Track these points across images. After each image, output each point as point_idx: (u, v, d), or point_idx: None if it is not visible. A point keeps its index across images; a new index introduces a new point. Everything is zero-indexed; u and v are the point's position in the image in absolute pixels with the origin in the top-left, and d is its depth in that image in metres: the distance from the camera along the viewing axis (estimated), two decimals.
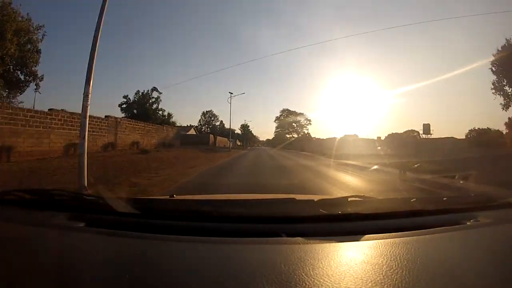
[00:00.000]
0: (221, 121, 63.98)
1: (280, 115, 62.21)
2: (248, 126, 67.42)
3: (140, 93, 31.79)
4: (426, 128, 32.29)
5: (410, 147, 20.66)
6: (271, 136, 71.33)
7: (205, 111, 65.53)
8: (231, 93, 31.55)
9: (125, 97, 31.83)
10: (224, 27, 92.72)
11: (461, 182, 5.55)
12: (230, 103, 31.16)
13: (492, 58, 22.37)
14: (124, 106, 31.43)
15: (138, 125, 19.12)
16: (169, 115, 37.52)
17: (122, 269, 0.60)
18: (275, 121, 62.82)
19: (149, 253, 0.67)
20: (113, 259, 0.66)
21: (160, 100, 32.53)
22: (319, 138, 44.66)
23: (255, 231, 0.80)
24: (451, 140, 22.97)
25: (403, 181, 6.21)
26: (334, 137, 32.26)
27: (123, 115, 28.34)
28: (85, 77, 4.90)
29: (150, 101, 32.00)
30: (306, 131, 58.32)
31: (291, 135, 57.45)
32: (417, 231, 0.80)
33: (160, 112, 33.71)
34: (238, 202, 1.14)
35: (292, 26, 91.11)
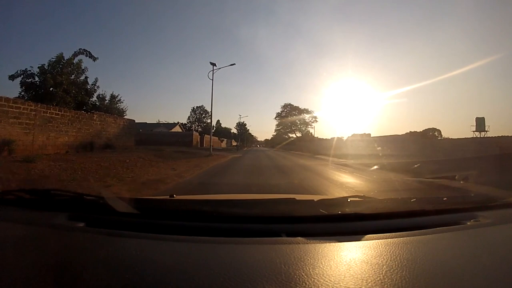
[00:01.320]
0: (218, 120, 57.86)
1: (282, 111, 53.48)
2: (245, 125, 60.14)
3: (62, 62, 14.28)
4: (480, 122, 25.73)
5: (460, 149, 14.51)
6: (269, 136, 67.63)
7: (195, 107, 55.91)
8: (214, 64, 19.69)
9: (40, 67, 13.91)
10: (223, 21, 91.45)
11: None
12: (212, 79, 19.82)
13: None
14: (26, 80, 13.66)
15: (20, 108, 9.29)
16: (114, 98, 21.29)
17: (122, 269, 0.60)
18: (275, 118, 54.58)
19: (149, 253, 0.67)
20: (113, 259, 0.66)
21: (87, 69, 15.44)
22: (322, 138, 40.12)
23: (255, 231, 0.80)
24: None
25: None
26: (341, 137, 27.95)
27: (23, 95, 13.31)
28: None
29: (70, 69, 14.51)
30: (311, 130, 50.93)
31: (293, 134, 51.51)
32: (417, 231, 0.80)
33: (96, 94, 17.31)
34: (238, 202, 1.14)
35: (290, 22, 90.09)
